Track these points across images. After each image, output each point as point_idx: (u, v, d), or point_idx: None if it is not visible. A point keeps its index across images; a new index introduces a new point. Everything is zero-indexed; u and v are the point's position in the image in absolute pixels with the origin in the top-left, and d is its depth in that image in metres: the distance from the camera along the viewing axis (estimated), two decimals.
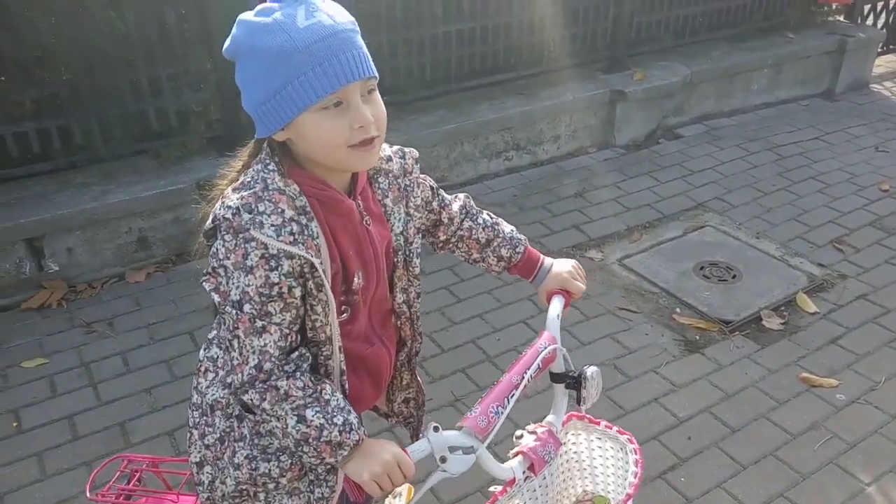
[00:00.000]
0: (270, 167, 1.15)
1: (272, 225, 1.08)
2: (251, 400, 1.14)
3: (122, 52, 3.14)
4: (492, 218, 1.50)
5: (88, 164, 3.26)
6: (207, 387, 1.28)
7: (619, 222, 3.70)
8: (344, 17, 1.11)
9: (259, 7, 1.11)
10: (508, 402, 1.21)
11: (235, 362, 1.14)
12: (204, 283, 1.14)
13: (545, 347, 1.32)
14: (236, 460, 1.24)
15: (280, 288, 1.10)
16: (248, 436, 1.24)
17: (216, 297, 1.13)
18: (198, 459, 1.29)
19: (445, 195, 1.47)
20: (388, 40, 3.79)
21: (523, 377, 1.24)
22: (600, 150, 4.49)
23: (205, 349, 1.31)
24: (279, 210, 1.10)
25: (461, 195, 1.50)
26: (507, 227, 1.50)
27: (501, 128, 4.04)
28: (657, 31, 4.84)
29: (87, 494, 1.52)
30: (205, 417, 1.28)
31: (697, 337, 2.91)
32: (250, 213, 1.08)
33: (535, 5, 4.19)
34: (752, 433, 2.45)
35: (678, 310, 3.06)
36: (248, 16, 1.11)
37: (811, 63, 5.24)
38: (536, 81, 4.37)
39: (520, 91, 4.25)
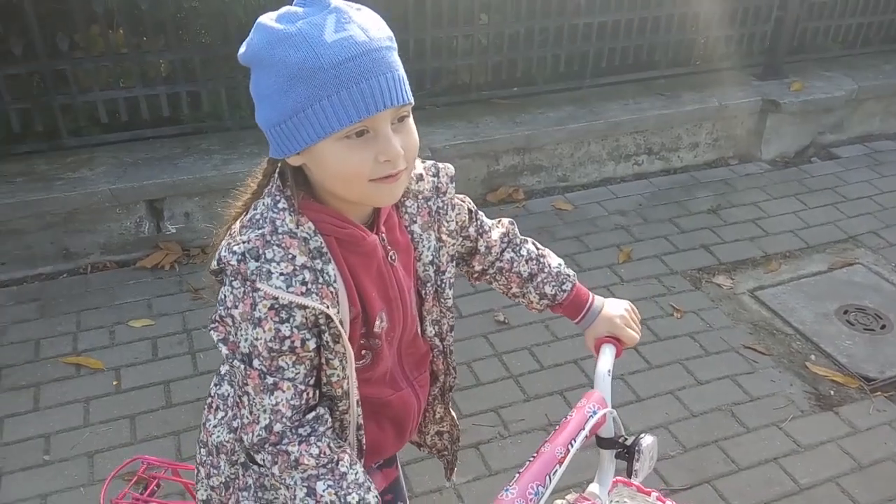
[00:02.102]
0: (280, 204, 1.00)
1: (282, 274, 0.95)
2: (263, 461, 1.03)
3: None
4: (537, 249, 1.34)
5: (214, 132, 3.29)
6: (215, 426, 1.18)
7: (755, 248, 3.36)
8: (380, 32, 0.95)
9: (282, 11, 0.95)
10: (551, 479, 1.03)
11: (245, 420, 1.02)
12: (211, 333, 1.04)
13: (594, 412, 1.12)
14: None
15: (292, 342, 0.98)
16: (252, 486, 1.14)
17: (224, 350, 1.02)
18: (204, 498, 1.23)
19: (486, 220, 1.31)
20: (524, 28, 3.60)
21: (568, 449, 1.05)
22: (743, 162, 4.12)
23: (216, 385, 1.21)
24: (290, 256, 0.96)
25: (505, 220, 1.34)
26: (554, 261, 1.33)
27: (634, 130, 3.77)
28: (823, 38, 4.37)
29: (101, 502, 1.46)
30: (211, 458, 1.19)
31: (832, 392, 2.58)
32: (257, 261, 0.95)
33: (686, 1, 3.86)
34: None
35: (813, 357, 2.73)
36: (268, 20, 0.95)
37: None
38: (680, 83, 4.05)
39: (660, 92, 3.95)
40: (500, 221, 1.34)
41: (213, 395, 1.21)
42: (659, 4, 3.81)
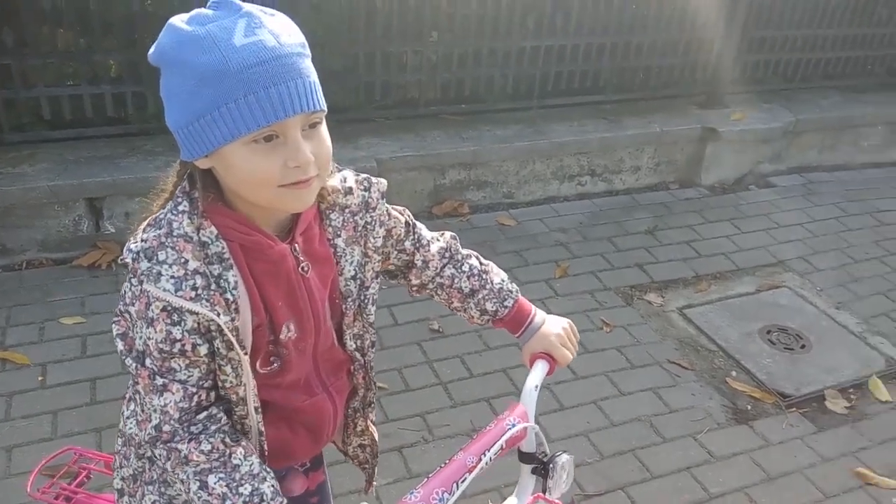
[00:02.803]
0: (181, 207, 1.00)
1: (172, 277, 0.95)
2: (158, 457, 1.03)
3: None
4: (481, 264, 1.33)
5: (159, 133, 3.30)
6: (128, 417, 1.17)
7: (687, 268, 3.48)
8: (291, 38, 0.95)
9: (193, 13, 0.95)
10: (458, 487, 1.04)
11: (139, 417, 1.04)
12: (113, 326, 1.05)
13: (513, 425, 1.13)
14: (144, 503, 1.16)
15: (183, 345, 0.98)
16: (156, 481, 1.14)
17: (120, 346, 1.03)
18: (119, 486, 1.23)
19: (425, 234, 1.30)
20: (473, 48, 3.70)
21: (480, 459, 1.06)
22: (683, 187, 4.25)
23: None
24: (182, 260, 0.96)
25: (447, 234, 1.33)
26: (496, 277, 1.32)
27: (578, 151, 3.87)
28: (764, 71, 4.55)
29: (28, 490, 1.45)
30: (124, 448, 1.20)
31: (749, 407, 2.67)
32: (149, 262, 0.96)
33: (632, 30, 4.01)
34: None
35: (734, 373, 2.83)
36: (178, 21, 0.94)
37: None
38: (624, 108, 4.18)
39: (604, 116, 4.07)
40: (442, 234, 1.32)
41: (129, 385, 1.21)
42: (603, 33, 3.94)
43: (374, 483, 1.46)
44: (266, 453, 1.13)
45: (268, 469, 1.05)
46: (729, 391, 2.74)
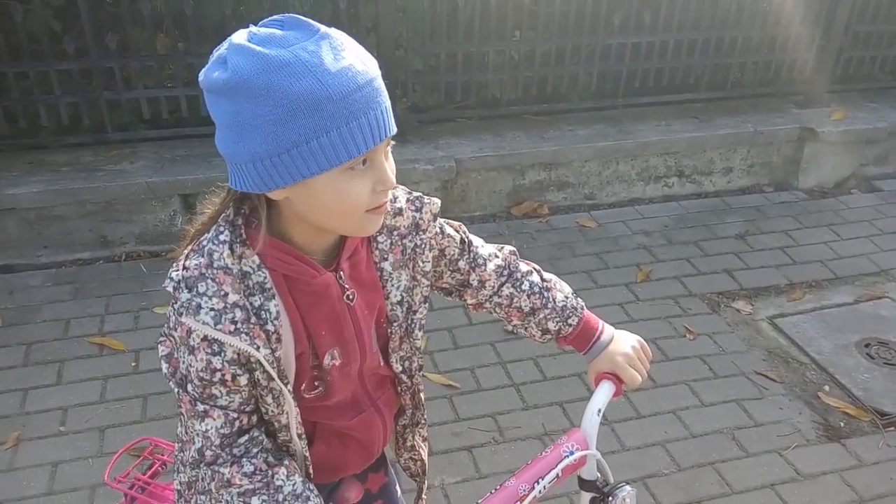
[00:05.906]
0: (223, 237, 0.97)
1: (212, 309, 0.94)
2: (202, 477, 1.03)
3: None
4: (543, 280, 1.26)
5: None
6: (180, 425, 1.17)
7: (779, 275, 3.31)
8: (371, 60, 0.93)
9: (261, 34, 0.89)
10: None
11: (185, 438, 1.05)
12: (158, 346, 1.06)
13: (571, 453, 1.08)
14: None
15: (223, 374, 0.97)
16: (207, 492, 1.12)
17: (164, 368, 1.04)
18: (178, 488, 1.23)
19: (482, 252, 1.24)
20: (556, 46, 3.65)
21: (533, 487, 1.04)
22: (778, 190, 4.05)
23: None
24: (222, 293, 0.94)
25: (506, 249, 1.27)
26: (560, 294, 1.25)
27: (665, 151, 3.76)
28: (870, 68, 4.28)
29: (105, 478, 1.50)
30: (180, 454, 1.19)
31: (842, 424, 2.52)
32: (189, 293, 0.94)
33: (726, 25, 3.85)
34: None
35: (827, 388, 2.67)
36: (250, 43, 0.88)
37: None
38: (715, 107, 4.02)
39: (694, 115, 3.93)
40: (501, 249, 1.27)
41: None
42: (694, 28, 3.80)
43: (425, 497, 1.42)
44: (312, 476, 1.12)
45: (311, 488, 1.05)
46: (820, 406, 2.59)
